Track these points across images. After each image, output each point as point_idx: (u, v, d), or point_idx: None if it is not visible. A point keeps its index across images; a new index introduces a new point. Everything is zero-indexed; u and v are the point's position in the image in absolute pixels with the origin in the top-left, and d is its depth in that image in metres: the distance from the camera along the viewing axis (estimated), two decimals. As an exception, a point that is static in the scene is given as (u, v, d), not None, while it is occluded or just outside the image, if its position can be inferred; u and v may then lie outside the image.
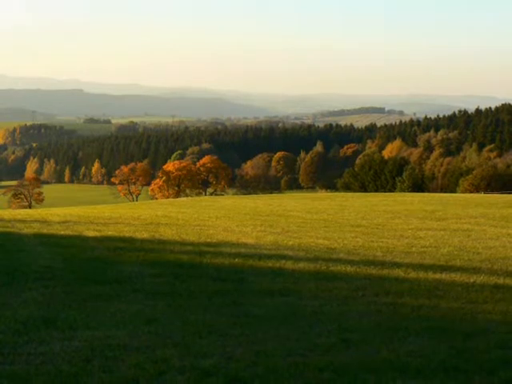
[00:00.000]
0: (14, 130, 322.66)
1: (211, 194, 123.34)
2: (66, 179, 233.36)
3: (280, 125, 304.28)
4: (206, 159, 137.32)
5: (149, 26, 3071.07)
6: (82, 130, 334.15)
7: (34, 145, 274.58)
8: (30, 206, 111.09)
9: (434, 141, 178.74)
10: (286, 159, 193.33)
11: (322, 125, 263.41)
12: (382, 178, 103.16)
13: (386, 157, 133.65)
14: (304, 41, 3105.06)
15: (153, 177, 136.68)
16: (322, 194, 77.85)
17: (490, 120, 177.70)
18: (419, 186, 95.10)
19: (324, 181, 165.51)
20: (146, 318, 9.41)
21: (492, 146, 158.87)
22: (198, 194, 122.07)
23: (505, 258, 15.71)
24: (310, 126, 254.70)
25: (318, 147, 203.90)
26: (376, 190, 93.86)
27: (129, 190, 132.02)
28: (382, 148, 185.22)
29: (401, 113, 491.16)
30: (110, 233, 21.35)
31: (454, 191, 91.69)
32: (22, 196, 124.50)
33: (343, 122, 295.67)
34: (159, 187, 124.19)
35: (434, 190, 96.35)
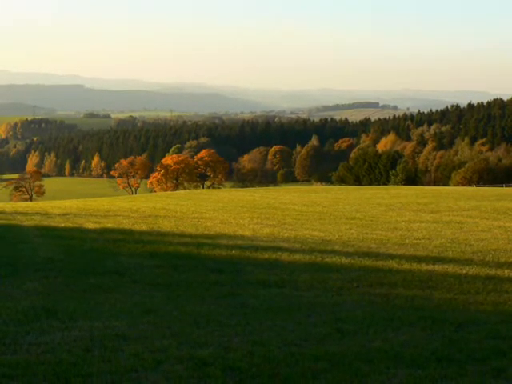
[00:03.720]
0: (16, 124, 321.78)
1: (209, 187, 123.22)
2: (67, 172, 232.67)
3: (276, 119, 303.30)
4: (203, 153, 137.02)
5: (148, 22, 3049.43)
6: (82, 124, 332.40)
7: (35, 139, 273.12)
8: (30, 199, 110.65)
9: (427, 135, 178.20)
10: (282, 153, 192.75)
11: (317, 119, 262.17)
12: (376, 171, 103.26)
13: (380, 150, 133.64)
14: (300, 37, 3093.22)
15: (151, 170, 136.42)
16: (318, 187, 77.92)
17: (482, 114, 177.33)
18: (412, 179, 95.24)
19: (319, 174, 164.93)
20: (144, 309, 9.52)
21: (484, 139, 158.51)
22: (196, 187, 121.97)
23: (496, 249, 15.84)
24: (305, 121, 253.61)
25: (314, 141, 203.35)
26: (370, 183, 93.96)
27: (128, 183, 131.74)
28: (376, 142, 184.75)
29: (395, 107, 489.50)
30: (109, 225, 21.48)
31: (446, 184, 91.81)
32: (23, 189, 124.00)
33: (338, 116, 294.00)
34: (158, 180, 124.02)
35: (427, 183, 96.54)
